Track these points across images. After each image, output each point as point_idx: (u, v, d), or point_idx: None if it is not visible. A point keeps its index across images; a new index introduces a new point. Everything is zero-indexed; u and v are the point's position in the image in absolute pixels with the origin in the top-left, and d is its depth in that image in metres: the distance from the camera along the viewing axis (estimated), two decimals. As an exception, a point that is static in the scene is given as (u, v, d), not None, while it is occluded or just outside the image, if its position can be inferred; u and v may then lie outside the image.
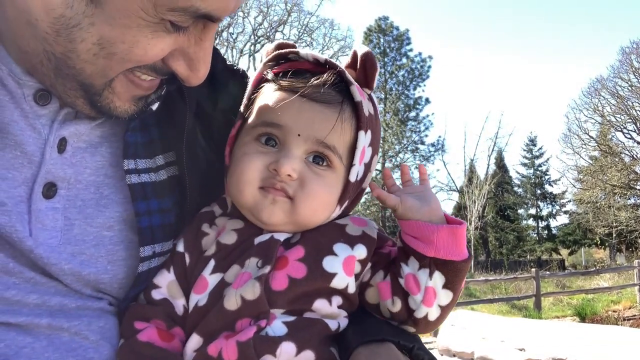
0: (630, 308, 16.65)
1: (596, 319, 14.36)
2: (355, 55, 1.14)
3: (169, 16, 0.87)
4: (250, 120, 1.12)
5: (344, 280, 1.03)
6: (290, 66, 1.13)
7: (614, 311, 16.09)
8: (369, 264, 1.08)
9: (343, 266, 1.03)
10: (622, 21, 79.23)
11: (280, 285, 1.00)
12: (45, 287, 0.97)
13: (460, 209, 42.89)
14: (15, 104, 0.96)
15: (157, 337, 1.03)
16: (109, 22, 0.86)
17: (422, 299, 1.02)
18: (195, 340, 1.02)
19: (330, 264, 1.02)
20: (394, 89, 45.29)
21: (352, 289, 1.05)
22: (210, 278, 1.04)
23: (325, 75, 1.08)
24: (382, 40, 45.97)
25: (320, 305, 1.02)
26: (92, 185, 1.05)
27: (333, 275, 1.02)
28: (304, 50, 1.15)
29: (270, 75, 1.13)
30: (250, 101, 1.15)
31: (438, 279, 1.02)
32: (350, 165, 1.09)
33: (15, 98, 0.96)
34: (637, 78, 35.35)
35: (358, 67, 1.13)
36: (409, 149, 44.73)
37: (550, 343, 6.94)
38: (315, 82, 1.06)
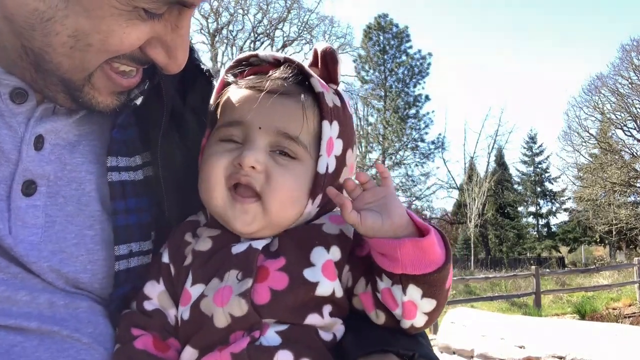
0: (630, 306, 16.67)
1: (596, 317, 14.36)
2: (315, 52, 1.13)
3: (142, 4, 0.87)
4: (215, 124, 1.12)
5: (328, 287, 1.00)
6: (251, 70, 1.13)
7: (614, 309, 16.10)
8: (347, 267, 1.04)
9: (323, 273, 1.00)
10: (623, 18, 79.20)
11: (263, 299, 0.97)
12: (32, 283, 0.97)
13: (460, 206, 42.93)
14: None
15: (153, 347, 1.03)
16: (82, 13, 0.85)
17: (402, 313, 0.98)
18: (189, 352, 1.01)
19: (310, 274, 1.00)
20: (393, 87, 45.29)
21: (339, 293, 1.02)
22: (192, 290, 1.03)
23: (282, 68, 1.08)
24: (381, 37, 45.95)
25: (313, 321, 0.99)
26: (73, 182, 1.04)
27: (315, 284, 0.99)
28: (263, 52, 1.15)
29: (230, 78, 1.14)
30: (215, 107, 1.15)
31: (414, 292, 0.96)
32: (318, 156, 1.07)
33: None
34: (637, 75, 35.35)
35: (320, 63, 1.12)
36: (408, 146, 44.75)
37: (550, 340, 6.93)
38: (273, 76, 1.07)
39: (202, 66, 1.31)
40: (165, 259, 1.09)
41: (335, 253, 1.03)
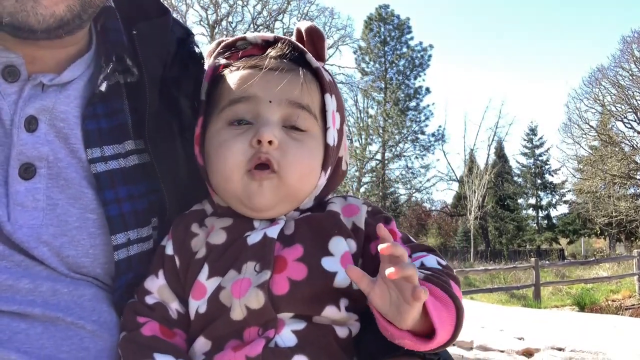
0: (629, 297, 16.71)
1: (595, 309, 14.40)
2: (299, 31, 1.13)
3: None
4: (214, 110, 1.09)
5: (346, 277, 0.98)
6: (243, 54, 1.11)
7: (613, 301, 16.14)
8: (360, 260, 1.03)
9: (342, 263, 1.00)
10: (624, 10, 78.85)
11: (282, 290, 0.96)
12: (35, 271, 0.95)
13: (460, 198, 42.95)
14: None
15: (160, 333, 1.03)
16: None
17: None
18: (202, 342, 1.00)
19: (329, 263, 0.99)
20: (394, 79, 45.10)
21: (356, 285, 0.99)
22: (207, 283, 1.01)
23: (279, 44, 1.09)
24: (382, 29, 45.70)
25: (330, 313, 0.98)
26: (72, 165, 1.02)
27: (334, 274, 0.98)
28: (251, 34, 1.13)
29: (223, 61, 1.12)
30: (209, 94, 1.12)
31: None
32: (325, 129, 1.09)
33: None
34: (638, 67, 35.22)
35: (306, 41, 1.12)
36: (409, 138, 44.67)
37: (549, 332, 6.96)
38: (272, 53, 1.07)
39: (196, 49, 1.29)
40: (170, 251, 1.07)
41: (352, 245, 1.03)
